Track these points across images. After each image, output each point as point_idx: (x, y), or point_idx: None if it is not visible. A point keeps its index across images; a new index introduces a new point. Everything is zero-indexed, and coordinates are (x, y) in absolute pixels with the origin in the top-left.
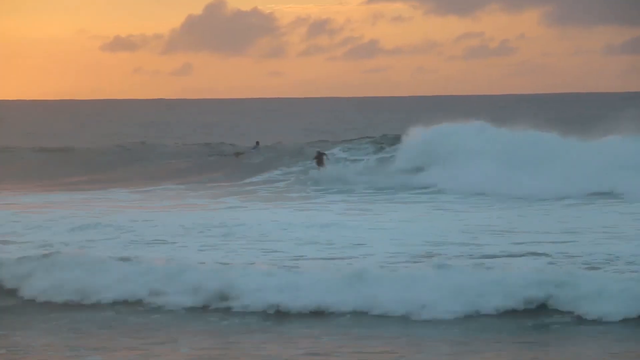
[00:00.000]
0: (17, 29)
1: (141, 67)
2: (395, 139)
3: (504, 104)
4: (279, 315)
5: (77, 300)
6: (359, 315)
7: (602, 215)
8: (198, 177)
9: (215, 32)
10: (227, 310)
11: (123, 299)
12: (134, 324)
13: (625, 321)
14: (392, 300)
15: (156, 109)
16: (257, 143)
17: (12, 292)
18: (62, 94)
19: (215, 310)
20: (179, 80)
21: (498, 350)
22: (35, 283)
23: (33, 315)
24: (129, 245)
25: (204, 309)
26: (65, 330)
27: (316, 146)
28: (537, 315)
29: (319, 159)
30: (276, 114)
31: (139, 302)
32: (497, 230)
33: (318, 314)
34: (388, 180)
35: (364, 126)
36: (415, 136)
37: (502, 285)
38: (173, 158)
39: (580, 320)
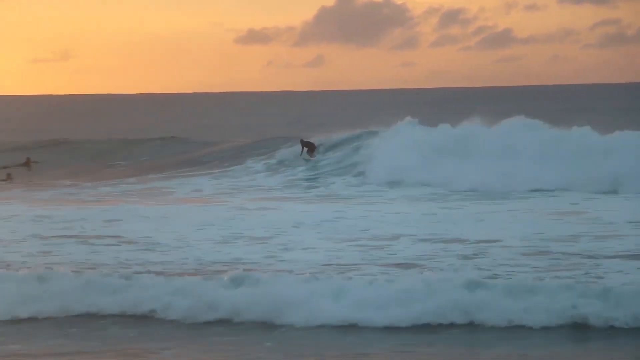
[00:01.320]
0: (153, 23)
1: (274, 59)
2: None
3: None
4: None
5: None
6: None
7: None
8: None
9: (347, 23)
10: None
11: None
12: None
13: None
14: None
15: (287, 101)
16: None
17: None
18: (197, 87)
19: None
20: (311, 72)
21: None
22: None
23: None
24: None
25: None
26: None
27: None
28: None
29: (310, 147)
30: (393, 104)
31: None
32: None
33: None
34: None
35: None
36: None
37: None
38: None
39: None
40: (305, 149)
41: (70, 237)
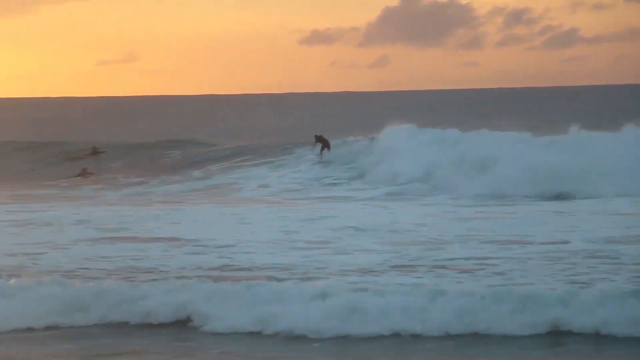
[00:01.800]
0: (216, 24)
1: (337, 60)
2: None
3: None
4: None
5: None
6: None
7: None
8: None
9: (411, 23)
10: None
11: None
12: None
13: None
14: None
15: (349, 102)
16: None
17: None
18: (260, 88)
19: None
20: (375, 72)
21: None
22: None
23: None
24: None
25: None
26: None
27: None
28: None
29: (324, 142)
30: (457, 104)
31: None
32: None
33: None
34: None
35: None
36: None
37: None
38: None
39: None
40: (320, 144)
41: (127, 239)
